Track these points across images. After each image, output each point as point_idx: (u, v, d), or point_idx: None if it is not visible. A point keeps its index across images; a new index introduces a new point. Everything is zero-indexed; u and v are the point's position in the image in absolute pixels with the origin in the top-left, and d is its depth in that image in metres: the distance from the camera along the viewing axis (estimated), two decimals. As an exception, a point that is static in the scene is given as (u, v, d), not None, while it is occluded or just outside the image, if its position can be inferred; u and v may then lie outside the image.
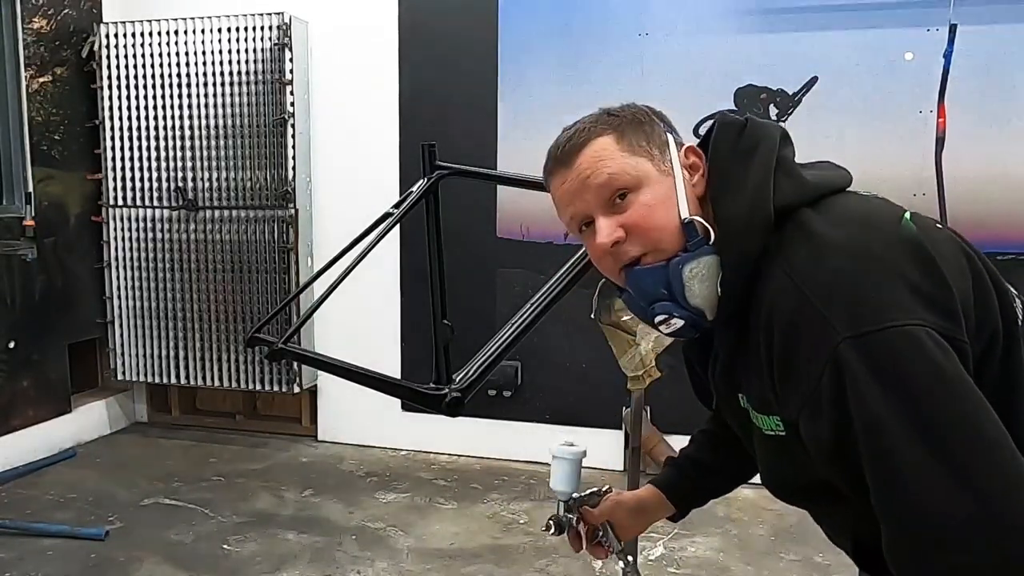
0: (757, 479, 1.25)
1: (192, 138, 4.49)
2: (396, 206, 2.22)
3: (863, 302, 0.95)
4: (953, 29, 3.65)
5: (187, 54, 4.44)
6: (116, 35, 4.53)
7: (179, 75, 4.46)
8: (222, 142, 4.44)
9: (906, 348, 0.92)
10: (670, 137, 1.15)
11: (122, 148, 4.60)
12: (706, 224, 1.09)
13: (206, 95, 4.44)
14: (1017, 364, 1.02)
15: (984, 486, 0.91)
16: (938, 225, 1.09)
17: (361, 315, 4.42)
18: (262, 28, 4.33)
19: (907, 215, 1.06)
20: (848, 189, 1.17)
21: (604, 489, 1.48)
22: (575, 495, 1.42)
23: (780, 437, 1.09)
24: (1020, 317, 1.06)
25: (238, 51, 4.37)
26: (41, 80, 4.36)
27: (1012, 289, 1.09)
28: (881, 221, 1.05)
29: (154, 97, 4.52)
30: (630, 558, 1.46)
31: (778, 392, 1.04)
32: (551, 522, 1.42)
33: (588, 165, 1.13)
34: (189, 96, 4.46)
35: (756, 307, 1.04)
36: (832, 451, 0.99)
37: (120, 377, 4.77)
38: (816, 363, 0.96)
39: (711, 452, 1.49)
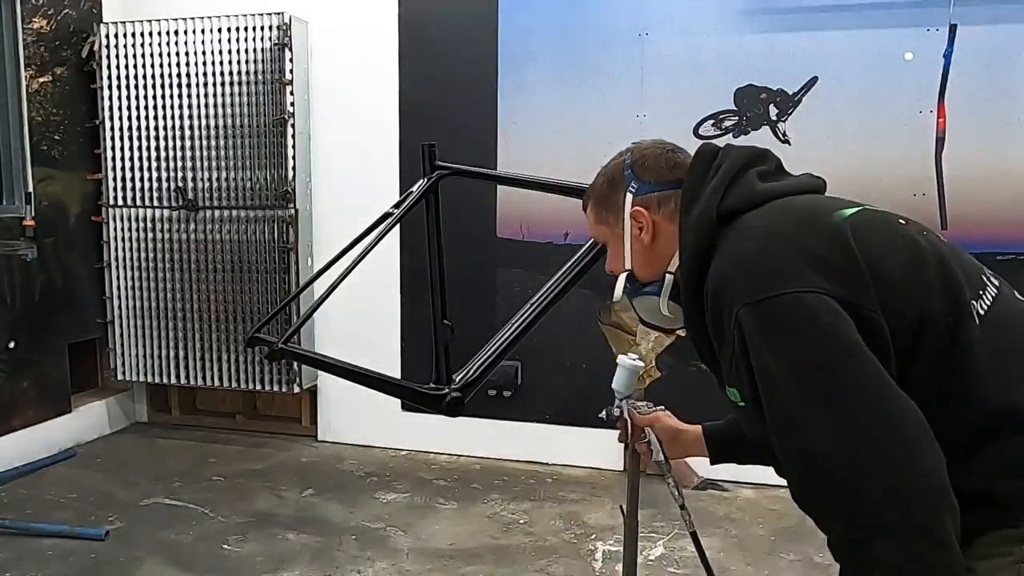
0: (753, 479, 1.29)
1: (192, 138, 4.49)
2: (396, 206, 2.22)
3: (763, 274, 1.15)
4: (953, 29, 3.65)
5: (187, 54, 4.44)
6: (116, 35, 4.53)
7: (179, 75, 4.46)
8: (222, 142, 4.44)
9: (794, 310, 1.11)
10: (628, 197, 1.42)
11: (122, 148, 4.60)
12: (648, 268, 1.41)
13: (206, 95, 4.44)
14: (964, 348, 1.15)
15: (865, 427, 1.07)
16: (900, 220, 1.27)
17: (361, 315, 4.42)
18: (262, 28, 4.33)
19: (850, 211, 1.25)
20: (822, 194, 1.39)
21: (656, 406, 1.74)
22: (628, 397, 1.71)
23: (742, 407, 1.26)
24: (981, 311, 1.19)
25: (238, 51, 4.37)
26: (41, 80, 4.36)
27: (989, 284, 1.23)
28: (812, 212, 1.25)
29: (154, 97, 4.52)
30: (667, 464, 1.71)
31: (722, 363, 1.24)
32: (606, 412, 1.73)
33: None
34: (189, 96, 4.46)
35: (704, 295, 1.25)
36: (756, 406, 1.17)
37: (120, 377, 4.77)
38: (730, 328, 1.17)
39: None
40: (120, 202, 4.65)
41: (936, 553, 1.05)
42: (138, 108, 4.55)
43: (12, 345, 4.19)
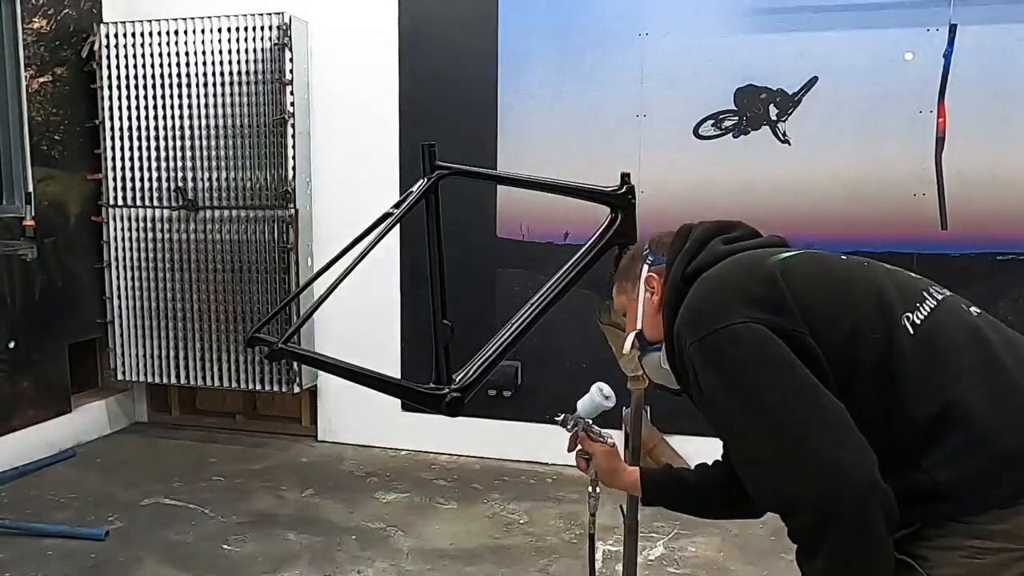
0: None
1: (192, 138, 4.49)
2: (396, 206, 2.22)
3: (705, 315, 1.36)
4: (953, 29, 3.65)
5: (187, 54, 4.44)
6: (116, 35, 4.52)
7: (179, 75, 4.46)
8: (222, 142, 4.44)
9: (727, 339, 1.31)
10: (644, 267, 1.64)
11: (122, 148, 4.60)
12: (656, 329, 1.58)
13: (206, 95, 4.44)
14: (898, 358, 1.28)
15: (793, 433, 1.23)
16: (842, 257, 1.48)
17: (361, 315, 4.41)
18: (262, 28, 4.33)
19: (787, 254, 1.44)
20: (774, 246, 1.56)
21: (608, 438, 1.89)
22: (585, 419, 1.87)
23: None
24: (917, 320, 1.32)
25: (238, 51, 4.37)
26: (41, 80, 4.36)
27: (929, 298, 1.37)
28: (753, 260, 1.44)
29: (154, 97, 4.52)
30: (598, 489, 1.92)
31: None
32: (563, 416, 1.89)
33: None
34: (189, 96, 4.46)
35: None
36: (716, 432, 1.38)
37: (120, 377, 4.77)
38: (688, 368, 1.38)
39: (699, 479, 1.77)
40: (120, 202, 4.65)
41: (867, 541, 1.19)
42: (138, 108, 4.55)
43: (12, 345, 4.19)
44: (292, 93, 4.35)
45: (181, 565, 3.19)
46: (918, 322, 1.32)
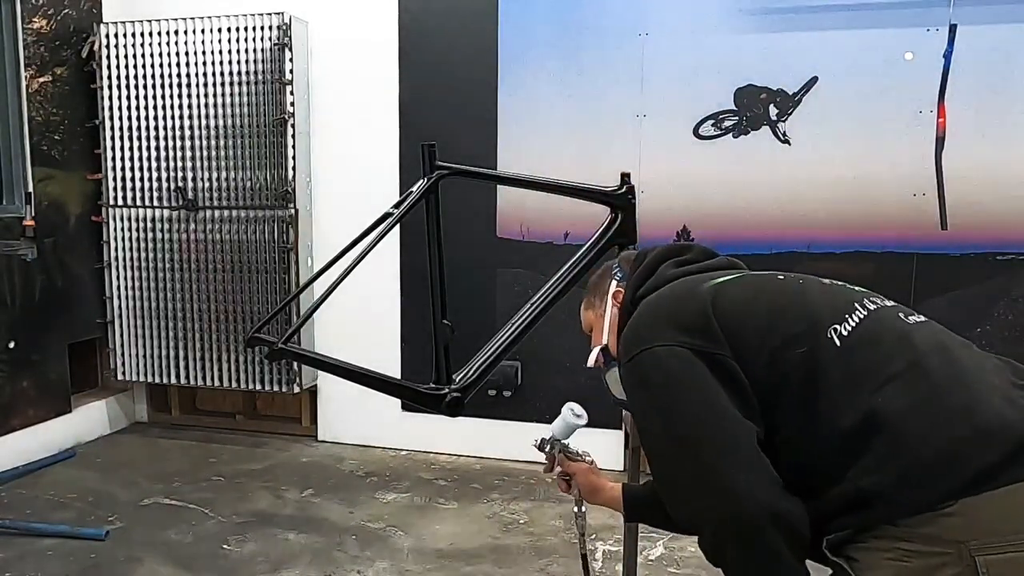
0: None
1: (192, 138, 4.49)
2: (396, 206, 2.22)
3: (634, 339, 1.44)
4: (953, 29, 3.65)
5: (187, 54, 4.44)
6: (116, 35, 4.53)
7: (179, 75, 4.46)
8: (222, 142, 4.44)
9: (648, 362, 1.38)
10: (612, 283, 1.70)
11: (122, 148, 4.60)
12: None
13: (206, 95, 4.44)
14: (821, 373, 1.31)
15: (699, 456, 1.30)
16: (779, 277, 1.50)
17: (361, 315, 4.42)
18: (262, 28, 4.33)
19: (724, 279, 1.48)
20: (722, 268, 1.59)
21: (588, 457, 1.90)
22: (561, 440, 1.88)
23: None
24: (844, 332, 1.34)
25: (238, 51, 4.37)
26: (41, 80, 4.36)
27: (859, 308, 1.38)
28: (691, 285, 1.49)
29: (154, 97, 4.52)
30: (583, 508, 1.91)
31: None
32: (539, 440, 1.90)
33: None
34: (189, 96, 4.46)
35: None
36: None
37: (120, 377, 4.77)
38: (624, 384, 1.48)
39: None
40: (120, 202, 4.65)
41: (765, 562, 1.25)
42: (138, 108, 4.55)
43: (12, 345, 4.19)
44: (292, 93, 4.35)
45: (181, 565, 3.19)
46: (845, 334, 1.34)
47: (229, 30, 4.37)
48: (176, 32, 4.44)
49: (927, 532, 1.20)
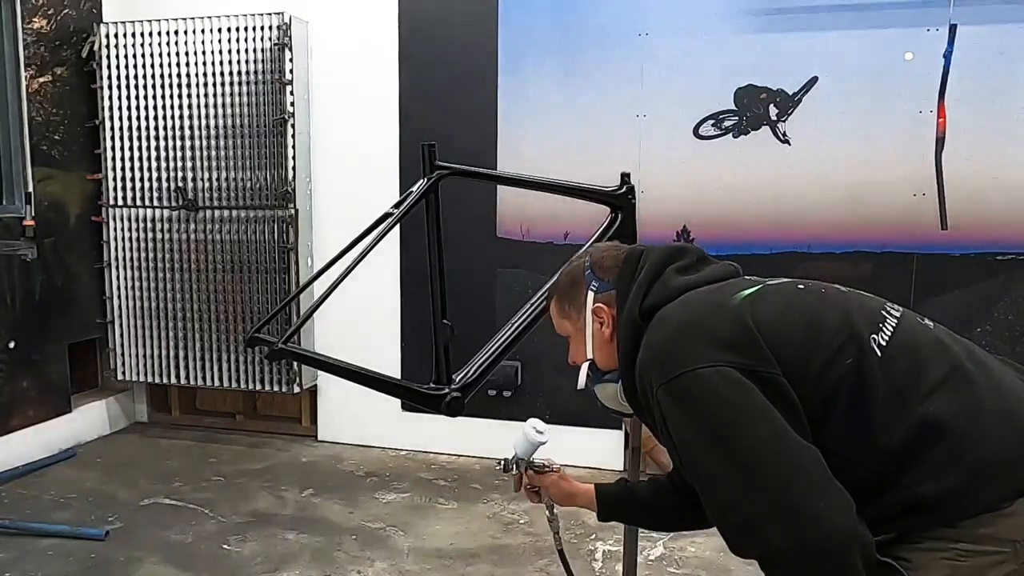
0: None
1: (192, 138, 4.49)
2: (396, 206, 2.22)
3: (671, 358, 1.33)
4: (953, 29, 3.65)
5: (187, 54, 4.44)
6: (116, 35, 4.53)
7: (179, 75, 4.47)
8: (222, 142, 4.45)
9: (695, 384, 1.28)
10: (589, 295, 1.58)
11: (122, 148, 4.60)
12: (609, 359, 1.56)
13: (206, 95, 4.44)
14: (870, 383, 1.28)
15: (769, 483, 1.22)
16: (799, 287, 1.44)
17: (361, 315, 4.42)
18: (262, 28, 4.33)
19: (749, 291, 1.40)
20: (731, 278, 1.52)
21: (552, 467, 1.92)
22: (525, 459, 1.88)
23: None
24: (882, 342, 1.32)
25: (238, 51, 4.37)
26: (41, 80, 4.36)
27: (888, 316, 1.37)
28: (716, 298, 1.41)
29: (154, 97, 4.52)
30: (556, 511, 1.96)
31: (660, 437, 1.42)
32: (503, 462, 1.90)
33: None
34: (189, 96, 4.47)
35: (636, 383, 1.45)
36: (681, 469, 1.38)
37: (120, 377, 4.77)
38: (653, 407, 1.36)
39: (652, 493, 1.81)
40: (120, 202, 4.65)
41: None
42: (138, 108, 4.55)
43: (12, 345, 4.19)
44: (292, 93, 4.35)
45: (181, 565, 3.19)
46: (883, 343, 1.32)
47: (229, 30, 4.37)
48: (176, 32, 4.44)
49: (986, 532, 1.22)
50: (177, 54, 4.46)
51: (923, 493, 1.24)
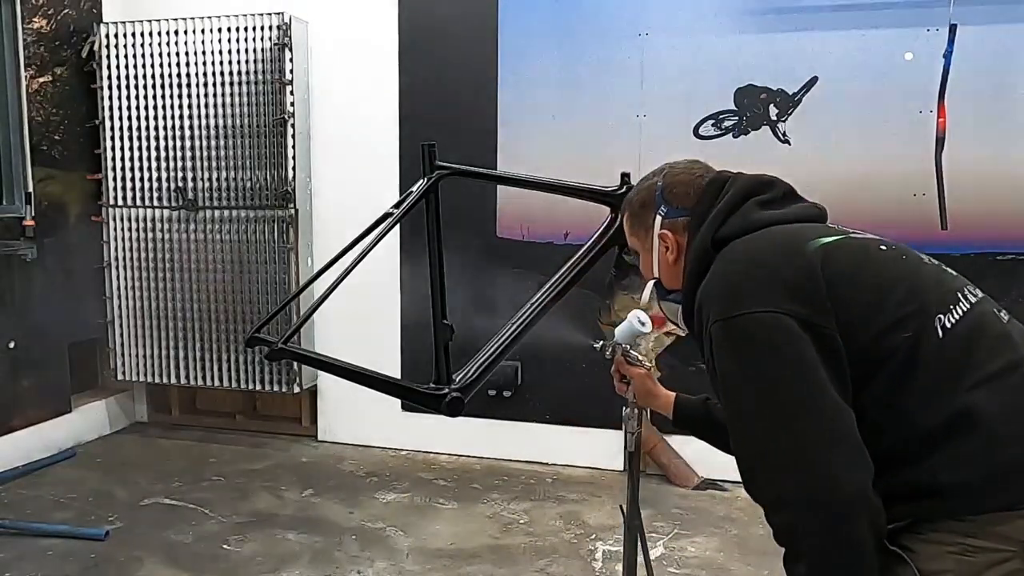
0: None
1: (192, 138, 4.49)
2: (396, 206, 2.22)
3: (732, 295, 1.32)
4: (953, 29, 3.65)
5: (187, 54, 4.44)
6: (116, 35, 4.53)
7: (179, 75, 4.47)
8: (222, 142, 4.45)
9: (751, 327, 1.28)
10: (657, 219, 1.59)
11: (122, 148, 4.60)
12: (673, 280, 1.58)
13: (206, 95, 4.44)
14: (922, 361, 1.27)
15: (795, 432, 1.23)
16: (881, 247, 1.41)
17: (361, 315, 4.41)
18: (262, 28, 4.33)
19: (829, 239, 1.37)
20: (820, 222, 1.49)
21: (647, 363, 1.95)
22: (623, 345, 1.92)
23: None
24: (948, 324, 1.29)
25: (238, 51, 4.37)
26: (41, 80, 4.36)
27: (963, 300, 1.34)
28: (791, 240, 1.38)
29: (154, 97, 4.52)
30: (636, 410, 1.97)
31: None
32: (601, 343, 1.96)
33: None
34: (189, 96, 4.47)
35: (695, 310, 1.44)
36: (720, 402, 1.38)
37: (120, 377, 4.77)
38: (705, 339, 1.37)
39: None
40: (120, 202, 4.65)
41: (849, 551, 1.21)
42: (138, 108, 4.55)
43: (12, 345, 4.19)
44: (292, 93, 4.35)
45: (181, 565, 3.19)
46: (949, 325, 1.30)
47: (229, 30, 4.37)
48: (176, 32, 4.44)
49: (1000, 531, 1.22)
50: (177, 54, 4.46)
51: (941, 480, 1.24)
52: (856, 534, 1.20)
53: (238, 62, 4.38)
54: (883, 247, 1.41)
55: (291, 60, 4.33)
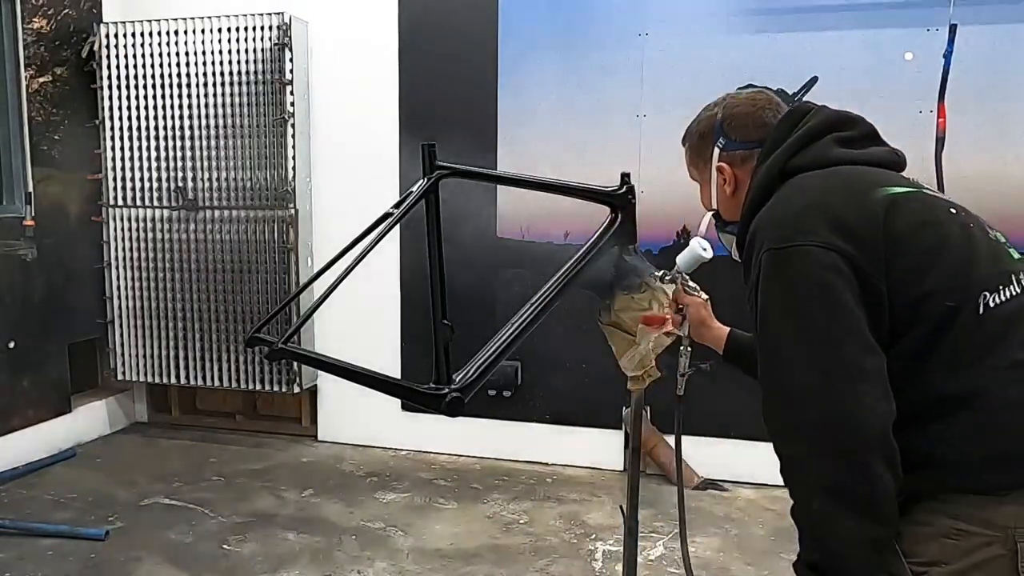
0: (753, 479, 1.35)
1: (192, 138, 4.49)
2: (396, 206, 2.21)
3: (787, 225, 1.32)
4: (953, 29, 3.64)
5: (187, 54, 4.44)
6: (116, 35, 4.53)
7: (179, 75, 4.47)
8: (222, 142, 4.45)
9: (799, 260, 1.28)
10: (715, 151, 1.58)
11: (122, 148, 4.60)
12: (731, 211, 1.59)
13: (206, 95, 4.44)
14: (956, 332, 1.26)
15: (826, 367, 1.24)
16: (951, 210, 1.37)
17: (361, 315, 4.42)
18: (262, 28, 4.33)
19: (899, 190, 1.34)
20: (896, 170, 1.46)
21: (702, 294, 1.94)
22: (684, 272, 1.91)
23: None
24: (992, 303, 1.28)
25: (238, 51, 4.37)
26: (41, 80, 4.36)
27: (1015, 283, 1.31)
28: (861, 182, 1.36)
29: (154, 97, 4.52)
30: (688, 345, 1.93)
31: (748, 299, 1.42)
32: (662, 272, 1.93)
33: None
34: (189, 96, 4.47)
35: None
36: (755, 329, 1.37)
37: (120, 377, 4.77)
38: (754, 266, 1.36)
39: None
40: (120, 202, 4.65)
41: (865, 485, 1.20)
42: (138, 108, 4.55)
43: (12, 345, 4.19)
44: (292, 93, 4.35)
45: (181, 565, 3.19)
46: (992, 305, 1.28)
47: (229, 30, 4.37)
48: (176, 32, 4.44)
49: (984, 516, 1.22)
50: (177, 54, 4.46)
51: (935, 452, 1.24)
52: (873, 468, 1.20)
53: (238, 62, 4.38)
54: (953, 210, 1.38)
55: (291, 60, 4.33)
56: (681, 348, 1.93)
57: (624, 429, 4.08)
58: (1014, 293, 1.30)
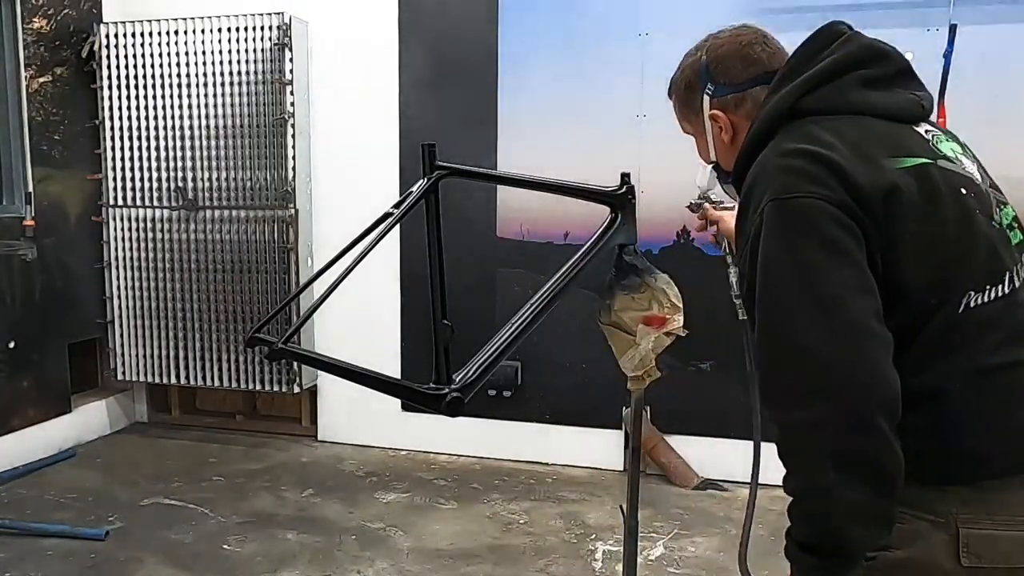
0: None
1: (192, 138, 4.49)
2: (396, 206, 2.21)
3: (794, 174, 1.21)
4: (953, 29, 3.64)
5: (187, 54, 4.44)
6: (116, 35, 4.53)
7: (179, 75, 4.47)
8: (222, 142, 4.45)
9: (808, 212, 1.18)
10: (705, 99, 1.49)
11: (122, 148, 4.60)
12: (731, 161, 1.47)
13: (206, 95, 4.44)
14: (929, 326, 1.21)
15: (834, 323, 1.15)
16: (962, 191, 1.27)
17: (361, 315, 4.42)
18: (262, 28, 4.33)
19: (911, 162, 1.24)
20: (914, 123, 1.35)
21: (726, 203, 1.93)
22: (707, 192, 1.88)
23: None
24: (974, 303, 1.22)
25: (238, 51, 4.37)
26: (41, 80, 4.36)
27: (1007, 282, 1.26)
28: (870, 147, 1.25)
29: (154, 97, 4.52)
30: (727, 249, 1.96)
31: (737, 247, 1.35)
32: (691, 203, 1.99)
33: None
34: (189, 96, 4.47)
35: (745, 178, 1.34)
36: (748, 287, 1.27)
37: (120, 377, 4.77)
38: (752, 215, 1.25)
39: None
40: (120, 202, 4.65)
41: (871, 442, 1.13)
42: (138, 108, 4.55)
43: (12, 345, 4.19)
44: (292, 93, 4.35)
45: (181, 565, 3.19)
46: (973, 305, 1.23)
47: (229, 30, 4.37)
48: (176, 32, 4.44)
49: (927, 503, 1.21)
50: (177, 54, 4.46)
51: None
52: (888, 436, 1.13)
53: (238, 62, 4.38)
54: (964, 190, 1.28)
55: (291, 60, 4.33)
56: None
57: (624, 429, 4.08)
58: (1000, 293, 1.25)
